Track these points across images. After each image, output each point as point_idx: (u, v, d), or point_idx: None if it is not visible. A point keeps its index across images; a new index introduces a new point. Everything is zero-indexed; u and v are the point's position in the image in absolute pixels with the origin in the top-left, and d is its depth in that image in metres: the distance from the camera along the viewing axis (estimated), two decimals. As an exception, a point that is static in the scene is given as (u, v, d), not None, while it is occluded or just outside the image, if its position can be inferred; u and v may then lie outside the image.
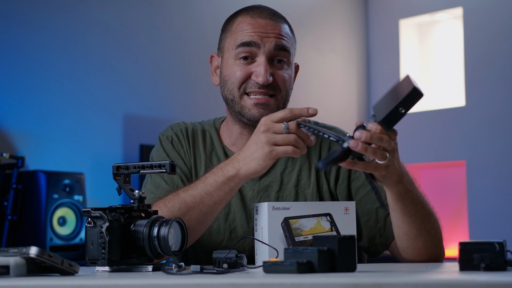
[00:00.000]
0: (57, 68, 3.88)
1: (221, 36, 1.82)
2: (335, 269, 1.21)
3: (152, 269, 1.38)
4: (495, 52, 4.88)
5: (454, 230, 4.91)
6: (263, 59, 1.72)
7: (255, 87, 1.73)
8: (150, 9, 4.33)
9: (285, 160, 1.80)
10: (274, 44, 1.73)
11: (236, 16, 1.80)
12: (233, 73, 1.75)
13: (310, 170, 1.79)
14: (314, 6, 5.15)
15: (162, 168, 1.45)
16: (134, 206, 1.43)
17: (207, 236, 1.75)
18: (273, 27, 1.75)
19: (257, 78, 1.72)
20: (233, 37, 1.76)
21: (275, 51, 1.74)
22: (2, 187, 3.40)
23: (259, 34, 1.74)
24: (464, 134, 4.92)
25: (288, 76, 1.76)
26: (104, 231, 1.36)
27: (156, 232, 1.39)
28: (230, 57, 1.76)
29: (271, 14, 1.78)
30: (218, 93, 1.83)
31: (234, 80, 1.74)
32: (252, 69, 1.73)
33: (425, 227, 1.59)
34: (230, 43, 1.77)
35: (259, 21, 1.75)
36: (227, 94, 1.77)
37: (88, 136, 3.96)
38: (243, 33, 1.75)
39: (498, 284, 1.06)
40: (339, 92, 5.36)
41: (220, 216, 1.75)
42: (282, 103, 1.76)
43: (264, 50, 1.73)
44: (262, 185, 1.78)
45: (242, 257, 1.39)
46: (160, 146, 1.85)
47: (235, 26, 1.78)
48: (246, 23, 1.76)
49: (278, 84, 1.74)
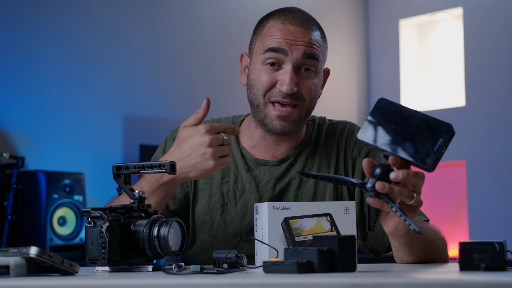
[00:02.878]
0: (57, 68, 3.88)
1: (252, 37, 1.81)
2: (335, 269, 1.21)
3: (152, 269, 1.38)
4: (495, 52, 4.88)
5: (454, 230, 4.91)
6: (290, 67, 1.71)
7: (279, 96, 1.72)
8: (150, 9, 4.33)
9: (305, 158, 1.81)
10: (302, 53, 1.71)
11: (268, 19, 1.78)
12: (259, 79, 1.74)
13: (328, 168, 1.80)
14: (314, 6, 5.15)
15: (162, 168, 1.45)
16: (134, 206, 1.43)
17: (224, 238, 1.76)
18: (303, 35, 1.73)
19: (282, 87, 1.71)
20: (262, 41, 1.75)
21: (302, 60, 1.72)
22: (2, 187, 3.40)
23: (288, 41, 1.72)
24: (464, 134, 4.92)
25: (314, 85, 1.75)
26: (104, 231, 1.36)
27: (156, 232, 1.39)
28: (258, 61, 1.75)
29: (302, 21, 1.75)
30: (218, 93, 1.83)
31: (259, 87, 1.74)
32: (278, 76, 1.72)
33: (431, 255, 1.59)
34: (259, 47, 1.76)
35: (289, 27, 1.73)
36: (252, 99, 1.76)
37: (88, 136, 3.96)
38: (272, 38, 1.73)
39: (498, 284, 1.06)
40: (339, 92, 5.36)
41: (236, 218, 1.77)
42: (305, 113, 1.75)
43: (291, 58, 1.71)
44: (282, 184, 1.79)
45: (242, 257, 1.39)
46: (163, 145, 1.85)
47: (266, 30, 1.76)
48: (276, 28, 1.74)
49: (303, 94, 1.73)
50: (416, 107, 5.31)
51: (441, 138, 1.27)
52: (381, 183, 1.29)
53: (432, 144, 1.27)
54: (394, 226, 1.39)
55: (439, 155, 1.27)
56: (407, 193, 1.31)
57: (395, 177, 1.29)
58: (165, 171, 1.44)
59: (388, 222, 1.39)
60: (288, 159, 1.81)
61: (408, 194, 1.31)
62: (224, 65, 4.54)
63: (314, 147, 1.83)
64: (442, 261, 1.62)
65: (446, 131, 1.27)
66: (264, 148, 1.81)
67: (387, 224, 1.40)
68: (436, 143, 1.27)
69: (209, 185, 1.80)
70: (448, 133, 1.27)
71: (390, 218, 1.39)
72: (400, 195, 1.31)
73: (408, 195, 1.31)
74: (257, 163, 1.80)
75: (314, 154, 1.82)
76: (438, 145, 1.27)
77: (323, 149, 1.82)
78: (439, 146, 1.27)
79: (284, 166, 1.80)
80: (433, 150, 1.27)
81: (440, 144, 1.27)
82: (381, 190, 1.29)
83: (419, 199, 1.34)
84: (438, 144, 1.27)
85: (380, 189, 1.29)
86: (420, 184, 1.33)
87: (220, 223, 1.77)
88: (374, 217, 1.36)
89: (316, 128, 1.85)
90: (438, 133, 1.28)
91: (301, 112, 1.74)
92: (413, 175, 1.31)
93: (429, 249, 1.58)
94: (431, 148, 1.27)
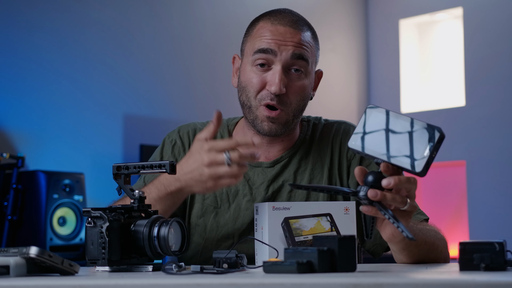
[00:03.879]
0: (57, 68, 3.88)
1: (243, 38, 1.81)
2: (335, 269, 1.21)
3: (152, 269, 1.38)
4: (495, 52, 4.88)
5: (454, 230, 4.90)
6: (279, 67, 1.71)
7: (268, 98, 1.71)
8: (150, 9, 4.33)
9: (299, 160, 1.80)
10: (291, 53, 1.71)
11: (258, 20, 1.78)
12: (250, 80, 1.73)
13: (322, 169, 1.79)
14: (314, 5, 5.15)
15: (162, 168, 1.44)
16: (134, 206, 1.43)
17: (216, 241, 1.75)
18: (292, 35, 1.72)
19: (271, 87, 1.70)
20: (252, 42, 1.75)
21: (292, 60, 1.71)
22: (2, 187, 3.40)
23: (277, 42, 1.71)
24: (464, 134, 4.92)
25: (303, 87, 1.74)
26: (104, 231, 1.36)
27: (156, 232, 1.39)
28: (248, 62, 1.75)
29: (292, 21, 1.74)
30: (218, 93, 1.83)
31: (250, 88, 1.73)
32: (267, 77, 1.72)
33: (430, 256, 1.59)
34: (249, 48, 1.76)
35: (278, 28, 1.73)
36: (244, 100, 1.76)
37: (88, 136, 3.96)
38: (261, 39, 1.73)
39: (498, 284, 1.06)
40: (339, 92, 5.36)
41: (229, 220, 1.76)
42: (292, 116, 1.74)
43: (280, 58, 1.71)
44: (276, 185, 1.78)
45: (242, 257, 1.39)
46: (160, 148, 1.85)
47: (256, 31, 1.76)
48: (266, 29, 1.74)
49: (290, 97, 1.72)
50: (416, 107, 5.32)
51: (431, 142, 1.27)
52: (373, 191, 1.29)
53: (423, 149, 1.27)
54: (391, 232, 1.39)
55: (430, 159, 1.26)
56: (400, 199, 1.31)
57: (387, 184, 1.29)
58: (165, 171, 1.44)
59: (385, 229, 1.40)
60: (282, 161, 1.79)
61: (401, 200, 1.31)
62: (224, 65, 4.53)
63: (308, 148, 1.82)
64: (442, 261, 1.62)
65: (435, 135, 1.27)
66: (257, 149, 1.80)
67: (384, 231, 1.40)
68: (426, 147, 1.27)
69: None
70: (438, 136, 1.27)
71: (386, 225, 1.39)
72: (393, 201, 1.31)
73: (401, 201, 1.31)
74: (250, 165, 1.79)
75: (308, 155, 1.80)
76: (428, 150, 1.26)
77: (317, 149, 1.81)
78: (429, 150, 1.26)
79: (277, 167, 1.79)
80: (424, 155, 1.27)
81: (431, 148, 1.26)
82: (373, 198, 1.29)
83: (413, 203, 1.35)
84: (429, 148, 1.27)
85: (373, 197, 1.29)
86: (413, 189, 1.33)
87: (213, 226, 1.76)
88: (370, 224, 1.36)
89: (311, 128, 1.84)
90: (428, 138, 1.27)
91: (287, 116, 1.73)
92: (405, 180, 1.31)
93: (429, 251, 1.58)
94: (422, 153, 1.27)
